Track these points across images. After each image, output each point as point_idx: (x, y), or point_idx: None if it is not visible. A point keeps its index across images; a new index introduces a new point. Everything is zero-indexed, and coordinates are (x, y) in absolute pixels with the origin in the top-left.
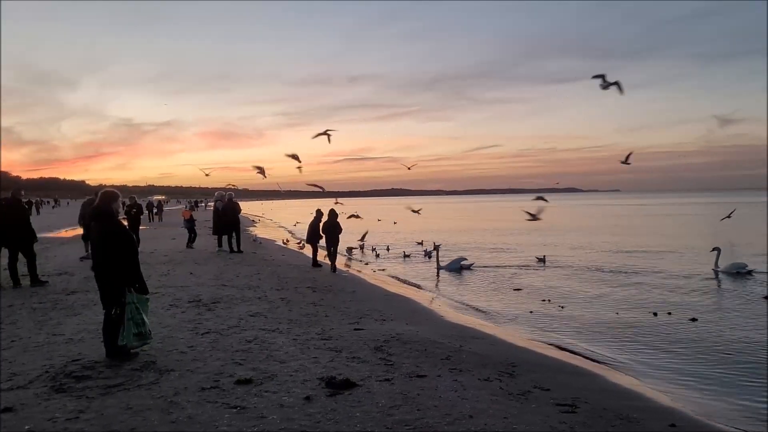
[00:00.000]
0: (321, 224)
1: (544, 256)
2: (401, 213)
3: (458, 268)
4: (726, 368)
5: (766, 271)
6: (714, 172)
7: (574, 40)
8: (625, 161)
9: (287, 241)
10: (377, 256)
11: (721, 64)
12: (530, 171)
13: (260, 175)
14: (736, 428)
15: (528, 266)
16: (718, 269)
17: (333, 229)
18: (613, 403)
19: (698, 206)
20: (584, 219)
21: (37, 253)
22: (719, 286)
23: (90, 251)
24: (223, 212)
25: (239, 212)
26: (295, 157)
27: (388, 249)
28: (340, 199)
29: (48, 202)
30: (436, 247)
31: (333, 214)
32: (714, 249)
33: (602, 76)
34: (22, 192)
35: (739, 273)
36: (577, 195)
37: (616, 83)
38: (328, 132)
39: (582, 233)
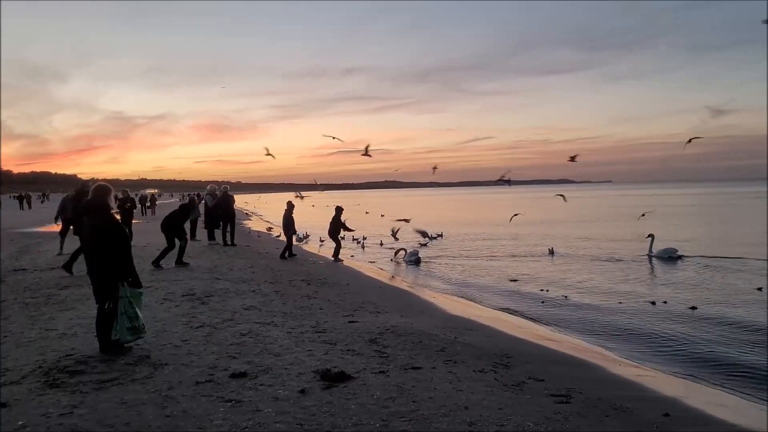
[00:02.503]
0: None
1: (553, 247)
2: (391, 207)
3: (415, 261)
4: (724, 359)
5: (694, 255)
6: (707, 163)
7: (568, 32)
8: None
9: (270, 229)
10: (363, 248)
11: (715, 54)
12: (524, 163)
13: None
14: (730, 418)
15: (533, 256)
16: (652, 254)
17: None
18: (607, 392)
19: (690, 197)
20: (582, 211)
21: (28, 248)
22: (701, 273)
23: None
24: (218, 205)
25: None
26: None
27: (381, 243)
28: (303, 193)
29: (38, 197)
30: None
31: (289, 205)
32: (649, 236)
33: None
34: (90, 185)
35: (671, 258)
36: (570, 186)
37: None
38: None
39: (580, 225)
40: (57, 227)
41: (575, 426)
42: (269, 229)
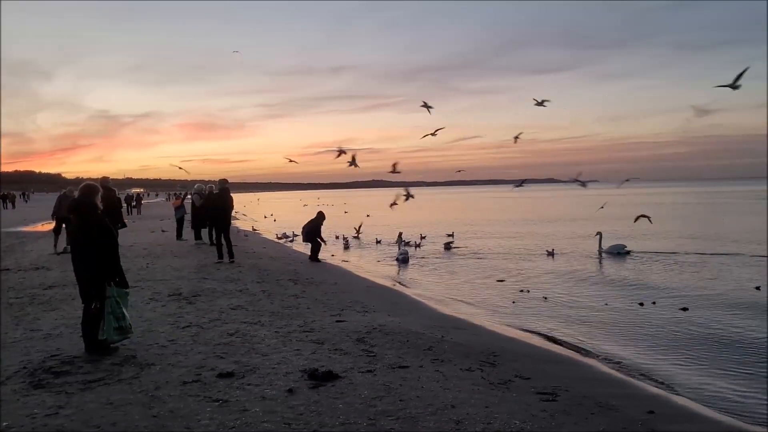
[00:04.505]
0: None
1: (553, 249)
2: (379, 207)
3: (403, 259)
4: (716, 359)
5: (642, 251)
6: (692, 162)
7: (556, 31)
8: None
9: (253, 229)
10: (347, 247)
11: (702, 53)
12: (511, 162)
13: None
14: (717, 413)
15: (530, 257)
16: (602, 250)
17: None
18: (593, 390)
19: (680, 195)
20: (573, 209)
21: (12, 247)
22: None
23: (67, 245)
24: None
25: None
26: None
27: (378, 242)
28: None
29: (19, 196)
30: (399, 238)
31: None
32: (597, 234)
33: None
34: (109, 178)
35: (619, 253)
36: (557, 185)
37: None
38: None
39: (573, 223)
40: (43, 226)
41: (561, 424)
42: (254, 229)
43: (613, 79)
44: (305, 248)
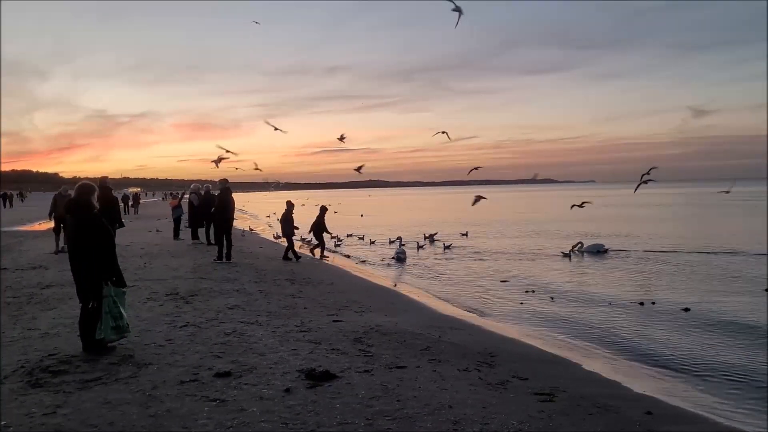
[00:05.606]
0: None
1: (570, 251)
2: (370, 206)
3: (398, 259)
4: (716, 361)
5: (621, 249)
6: (688, 163)
7: (551, 31)
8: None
9: (251, 229)
10: (336, 246)
11: (697, 54)
12: (507, 162)
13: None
14: (716, 416)
15: (528, 258)
16: (582, 250)
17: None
18: (590, 391)
19: (678, 196)
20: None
21: (10, 246)
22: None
23: (64, 244)
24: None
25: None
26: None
27: (371, 242)
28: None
29: (16, 195)
30: (398, 239)
31: (289, 205)
32: (577, 243)
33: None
34: (108, 178)
35: (599, 252)
36: (553, 186)
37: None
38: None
39: (572, 223)
40: (40, 225)
41: (558, 424)
42: (251, 228)
43: (609, 80)
44: (302, 248)
